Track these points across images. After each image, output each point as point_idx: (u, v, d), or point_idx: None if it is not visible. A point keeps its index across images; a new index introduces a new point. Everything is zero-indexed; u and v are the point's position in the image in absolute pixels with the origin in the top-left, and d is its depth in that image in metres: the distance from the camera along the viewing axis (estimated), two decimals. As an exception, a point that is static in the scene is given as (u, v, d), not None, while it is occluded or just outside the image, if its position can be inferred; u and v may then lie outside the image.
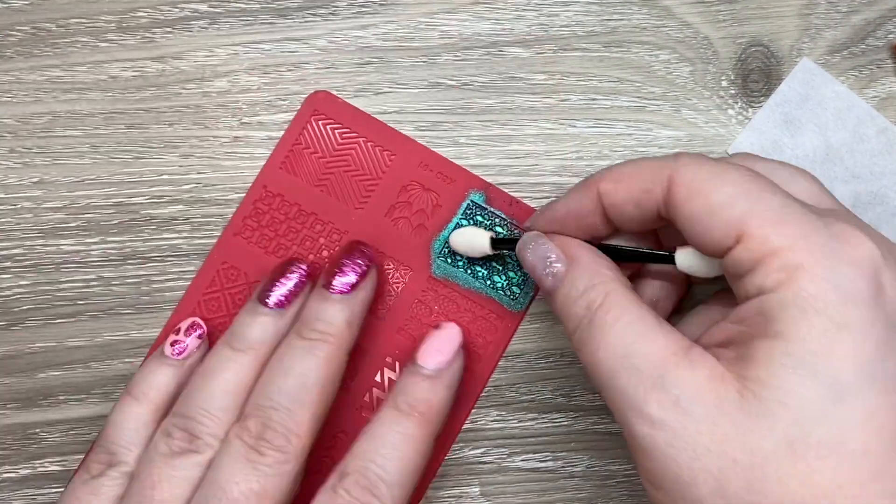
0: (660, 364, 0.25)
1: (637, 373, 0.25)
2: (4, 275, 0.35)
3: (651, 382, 0.25)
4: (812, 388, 0.23)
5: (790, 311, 0.24)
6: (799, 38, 0.35)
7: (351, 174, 0.35)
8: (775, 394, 0.23)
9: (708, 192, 0.26)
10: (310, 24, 0.35)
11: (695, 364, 0.25)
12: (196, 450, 0.30)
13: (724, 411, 0.24)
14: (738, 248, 0.25)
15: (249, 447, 0.29)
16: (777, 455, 0.23)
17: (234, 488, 0.29)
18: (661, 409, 0.24)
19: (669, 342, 0.25)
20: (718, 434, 0.24)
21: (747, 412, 0.24)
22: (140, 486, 0.30)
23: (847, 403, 0.23)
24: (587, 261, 0.29)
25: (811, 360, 0.23)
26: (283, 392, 0.30)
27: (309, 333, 0.31)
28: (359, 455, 0.30)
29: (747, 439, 0.23)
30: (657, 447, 0.25)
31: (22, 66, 0.35)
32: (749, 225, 0.25)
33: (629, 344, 0.26)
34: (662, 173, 0.27)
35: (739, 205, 0.25)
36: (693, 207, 0.26)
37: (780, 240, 0.24)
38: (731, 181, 0.26)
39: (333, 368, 0.31)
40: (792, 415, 0.23)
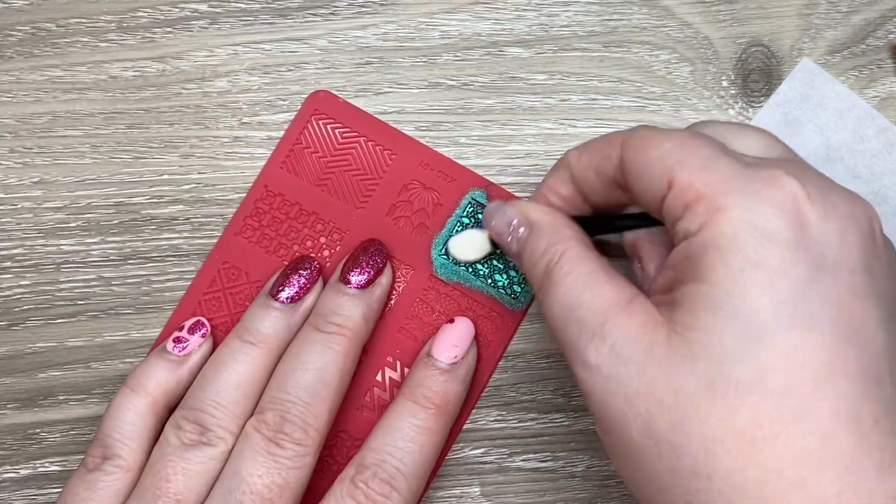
0: (601, 314, 0.26)
1: (581, 324, 0.26)
2: (5, 275, 0.35)
3: (591, 332, 0.26)
4: (730, 328, 0.23)
5: (710, 252, 0.24)
6: (799, 38, 0.35)
7: (352, 173, 0.35)
8: (697, 335, 0.24)
9: (648, 149, 0.27)
10: (310, 24, 0.35)
11: (632, 312, 0.25)
12: (208, 442, 0.30)
13: (653, 355, 0.24)
14: (668, 196, 0.25)
15: (269, 440, 0.30)
16: (698, 395, 0.23)
17: (258, 481, 0.29)
18: (598, 355, 0.25)
19: (613, 293, 0.26)
20: (647, 377, 0.24)
21: (672, 354, 0.24)
22: (154, 480, 0.30)
23: (765, 342, 0.23)
24: (547, 223, 0.29)
25: (729, 301, 0.23)
26: (300, 386, 0.30)
27: (326, 327, 0.31)
28: (376, 448, 0.31)
29: (671, 380, 0.24)
30: (595, 392, 0.25)
31: (22, 66, 0.35)
32: (677, 173, 0.25)
33: (576, 296, 0.27)
34: (617, 140, 0.28)
35: (671, 157, 0.26)
36: (635, 165, 0.27)
37: (703, 185, 0.25)
38: (669, 138, 0.26)
39: (349, 362, 0.32)
40: (712, 355, 0.23)
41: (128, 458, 0.31)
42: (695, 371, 0.24)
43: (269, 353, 0.32)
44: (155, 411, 0.32)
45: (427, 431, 0.31)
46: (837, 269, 0.24)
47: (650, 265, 0.30)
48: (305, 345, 0.31)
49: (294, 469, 0.30)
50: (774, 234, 0.24)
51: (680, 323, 0.24)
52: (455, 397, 0.32)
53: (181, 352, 0.33)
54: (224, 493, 0.29)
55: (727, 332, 0.23)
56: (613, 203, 0.30)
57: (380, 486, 0.30)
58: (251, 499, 0.29)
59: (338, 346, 0.31)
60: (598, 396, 0.25)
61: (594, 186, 0.29)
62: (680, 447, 0.24)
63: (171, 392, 0.32)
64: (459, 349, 0.33)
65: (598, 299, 0.26)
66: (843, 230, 0.24)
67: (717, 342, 0.23)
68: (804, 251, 0.24)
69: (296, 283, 0.33)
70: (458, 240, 0.34)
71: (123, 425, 0.31)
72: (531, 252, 0.29)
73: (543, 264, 0.28)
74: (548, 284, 0.28)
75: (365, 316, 0.32)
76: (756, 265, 0.23)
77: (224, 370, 0.31)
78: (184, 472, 0.30)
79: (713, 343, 0.23)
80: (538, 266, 0.28)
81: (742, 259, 0.24)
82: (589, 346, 0.26)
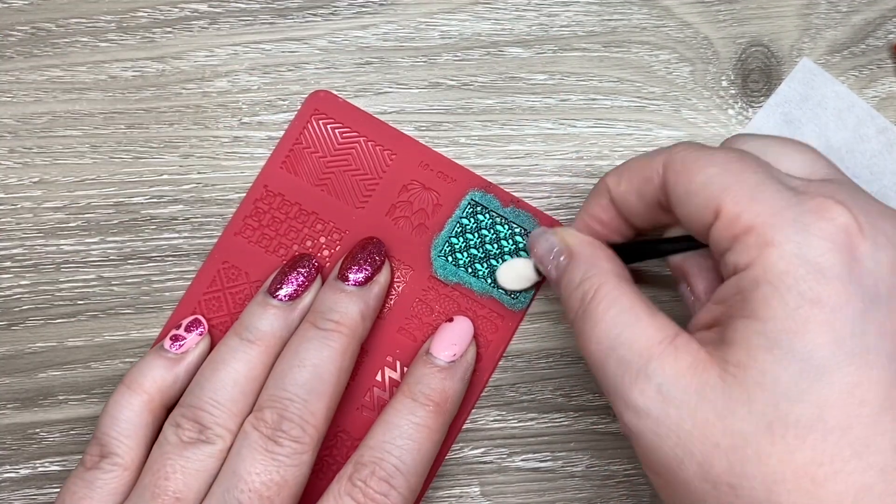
0: (644, 353, 0.25)
1: (623, 363, 0.26)
2: (4, 275, 0.35)
3: (636, 372, 0.25)
4: (787, 367, 0.23)
5: (763, 288, 0.24)
6: (799, 38, 0.35)
7: (351, 173, 0.35)
8: (752, 375, 0.24)
9: (693, 173, 0.26)
10: (310, 24, 0.35)
11: (678, 351, 0.25)
12: (207, 440, 0.30)
13: (705, 397, 0.24)
14: (716, 225, 0.25)
15: (267, 438, 0.30)
16: (756, 436, 0.23)
17: (256, 479, 0.29)
18: (644, 397, 0.25)
19: (655, 331, 0.26)
20: (700, 419, 0.24)
21: (728, 396, 0.24)
22: (153, 478, 0.30)
23: (824, 380, 0.23)
24: (586, 254, 0.29)
25: (785, 339, 0.23)
26: (298, 383, 0.30)
27: (324, 324, 0.31)
28: (375, 446, 0.30)
29: (727, 423, 0.24)
30: (644, 435, 0.25)
31: (22, 66, 0.35)
32: (725, 202, 0.25)
33: (616, 335, 0.26)
34: (658, 161, 0.28)
35: (718, 183, 0.25)
36: (679, 189, 0.26)
37: (752, 217, 0.24)
38: (714, 162, 0.26)
39: (347, 359, 0.32)
40: (769, 395, 0.23)
41: (125, 457, 0.31)
42: (752, 412, 0.23)
43: (267, 352, 0.32)
44: (151, 409, 0.32)
45: (425, 429, 0.31)
46: (891, 300, 0.24)
47: (699, 286, 0.29)
48: (303, 342, 0.31)
49: (292, 466, 0.30)
50: (828, 270, 0.23)
51: (732, 363, 0.24)
52: (454, 395, 0.32)
53: (178, 350, 0.33)
54: (222, 491, 0.29)
55: (785, 371, 0.23)
56: (658, 224, 0.29)
57: (378, 485, 0.30)
58: (249, 497, 0.29)
59: (335, 343, 0.31)
60: (647, 439, 0.25)
61: (637, 210, 0.29)
62: (740, 489, 0.23)
63: (168, 390, 0.32)
64: (458, 347, 0.33)
65: (640, 337, 0.26)
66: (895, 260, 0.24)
67: (774, 382, 0.23)
68: (858, 285, 0.23)
69: (294, 281, 0.33)
70: (505, 269, 0.34)
71: (120, 423, 0.31)
72: (568, 282, 0.29)
73: (579, 296, 0.28)
74: (584, 319, 0.27)
75: (362, 313, 0.32)
76: (812, 302, 0.23)
77: (222, 368, 0.31)
78: (183, 470, 0.30)
79: (770, 383, 0.23)
80: (574, 297, 0.28)
81: (797, 296, 0.23)
82: (633, 387, 0.25)
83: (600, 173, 0.35)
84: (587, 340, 0.27)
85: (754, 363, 0.24)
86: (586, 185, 0.35)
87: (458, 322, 0.34)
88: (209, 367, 0.32)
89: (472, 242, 0.34)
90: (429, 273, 0.34)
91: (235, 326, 0.33)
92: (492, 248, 0.34)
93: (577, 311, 0.28)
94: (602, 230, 0.31)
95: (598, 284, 0.28)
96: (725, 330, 0.25)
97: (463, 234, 0.34)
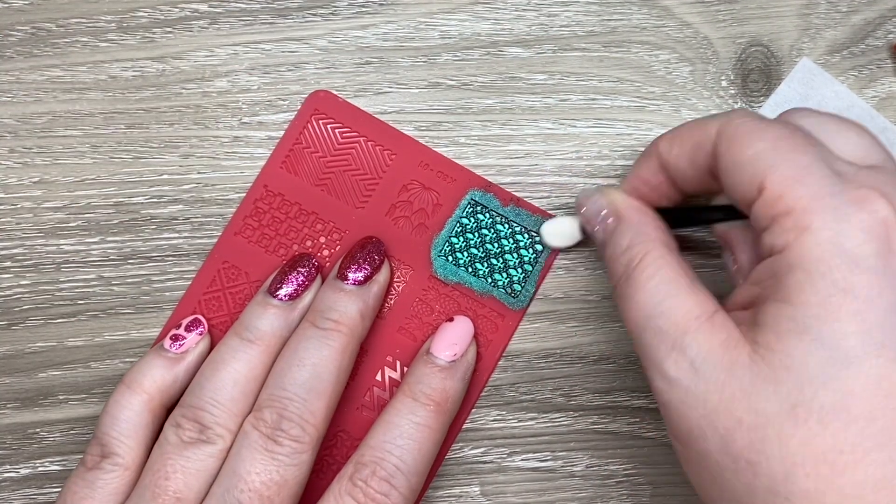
0: (682, 326, 0.26)
1: (660, 332, 0.26)
2: (4, 275, 0.35)
3: (671, 343, 0.26)
4: (815, 353, 0.23)
5: (796, 273, 0.24)
6: (799, 37, 0.35)
7: (351, 173, 0.35)
8: (781, 358, 0.24)
9: (743, 145, 0.26)
10: (310, 24, 0.35)
11: (714, 328, 0.25)
12: (207, 440, 0.30)
13: (733, 374, 0.24)
14: (758, 202, 0.25)
15: (267, 437, 0.30)
16: (779, 417, 0.24)
17: (256, 479, 0.29)
18: (677, 368, 0.25)
19: (695, 305, 0.26)
20: (727, 395, 0.24)
21: (755, 375, 0.24)
22: (154, 478, 0.30)
23: (851, 369, 0.23)
24: (634, 219, 0.29)
25: (814, 326, 0.23)
26: (297, 382, 0.30)
27: (323, 323, 0.31)
28: (375, 446, 0.30)
29: (752, 401, 0.24)
30: (672, 403, 0.26)
31: (22, 66, 0.35)
32: (770, 180, 0.25)
33: (657, 304, 0.26)
34: (713, 127, 0.28)
35: (766, 160, 0.25)
36: (729, 159, 0.26)
37: (794, 199, 0.24)
38: (766, 137, 0.26)
39: (346, 358, 0.32)
40: (796, 379, 0.23)
41: (126, 456, 0.31)
42: (777, 394, 0.24)
43: (267, 351, 0.32)
44: (151, 409, 0.32)
45: (426, 429, 0.31)
46: None
47: (742, 257, 0.29)
48: (302, 341, 0.31)
49: (292, 466, 0.30)
50: (863, 261, 0.23)
51: (762, 344, 0.24)
52: (454, 395, 0.32)
53: (178, 350, 0.33)
54: (222, 491, 0.29)
55: (812, 356, 0.23)
56: (708, 191, 0.29)
57: (379, 485, 0.30)
58: (249, 497, 0.29)
59: (334, 342, 0.31)
60: (675, 408, 0.25)
61: (687, 176, 0.29)
62: (758, 465, 0.24)
63: (168, 390, 0.32)
64: (458, 347, 0.33)
65: (679, 309, 0.26)
66: None
67: (801, 366, 0.23)
68: (893, 278, 0.24)
69: (294, 280, 0.33)
70: (550, 225, 0.34)
71: (120, 423, 0.31)
72: (614, 246, 0.29)
73: (624, 262, 0.28)
74: (627, 285, 0.27)
75: (361, 312, 0.32)
76: (844, 291, 0.23)
77: (222, 368, 0.31)
78: (183, 470, 0.30)
79: (797, 367, 0.24)
80: (619, 262, 0.28)
81: (830, 284, 0.23)
82: (668, 357, 0.26)
83: (600, 173, 0.35)
84: (628, 306, 0.27)
85: (783, 347, 0.24)
86: (586, 185, 0.35)
87: (459, 321, 0.34)
88: (209, 367, 0.32)
89: (473, 242, 0.34)
90: (429, 273, 0.35)
91: (235, 326, 0.33)
92: (492, 248, 0.34)
93: (620, 277, 0.28)
94: (650, 193, 0.31)
95: (644, 252, 0.28)
96: (758, 311, 0.25)
97: (463, 234, 0.34)
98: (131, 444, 0.31)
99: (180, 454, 0.30)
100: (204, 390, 0.31)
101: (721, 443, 0.24)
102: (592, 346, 0.35)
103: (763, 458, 0.24)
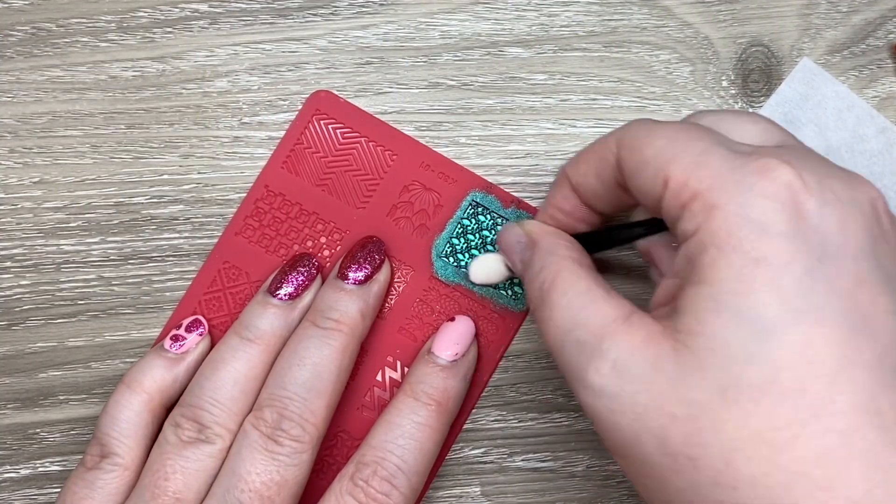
0: (599, 332, 0.25)
1: (579, 345, 0.25)
2: (5, 275, 0.35)
3: (591, 351, 0.25)
4: (736, 329, 0.23)
5: (709, 252, 0.23)
6: (799, 38, 0.35)
7: (352, 174, 0.35)
8: (702, 341, 0.23)
9: (643, 147, 0.26)
10: (310, 24, 0.35)
11: (633, 327, 0.25)
12: (207, 440, 0.30)
13: (659, 369, 0.24)
14: (665, 195, 0.25)
15: (267, 437, 0.30)
16: (711, 404, 0.23)
17: (256, 479, 0.29)
18: (600, 376, 0.24)
19: (611, 310, 0.25)
20: (655, 391, 0.23)
21: (680, 365, 0.23)
22: (153, 478, 0.30)
23: (775, 340, 0.22)
24: (545, 243, 0.29)
25: (732, 301, 0.23)
26: (298, 382, 0.30)
27: (324, 322, 0.31)
28: (377, 445, 0.30)
29: (681, 392, 0.23)
30: (602, 415, 0.25)
31: (22, 66, 0.35)
32: (672, 171, 0.25)
33: (573, 317, 0.26)
34: (612, 141, 0.27)
35: (665, 154, 0.25)
36: (632, 164, 0.26)
37: (698, 182, 0.24)
38: (662, 134, 0.26)
39: (347, 358, 0.32)
40: (720, 360, 0.23)
41: (125, 457, 0.31)
42: (705, 379, 0.23)
43: (267, 351, 0.32)
44: (151, 408, 0.32)
45: (427, 428, 0.31)
46: (841, 258, 0.23)
47: (666, 268, 0.29)
48: (302, 340, 0.31)
49: (292, 466, 0.30)
50: (771, 227, 0.23)
51: (684, 331, 0.23)
52: (455, 394, 0.32)
53: (178, 350, 0.33)
54: (223, 491, 0.29)
55: (734, 333, 0.23)
56: (621, 207, 0.29)
57: (380, 484, 0.30)
58: (249, 497, 0.29)
59: (335, 341, 0.31)
60: (605, 419, 0.25)
61: (598, 193, 0.29)
62: (698, 460, 0.23)
63: (168, 390, 0.32)
64: (460, 346, 0.33)
65: (594, 317, 0.25)
66: (844, 217, 0.23)
67: (724, 345, 0.23)
68: (804, 242, 0.23)
69: (294, 280, 0.33)
70: (476, 264, 0.33)
71: (120, 423, 0.31)
72: (530, 272, 0.28)
73: (538, 285, 0.27)
74: (543, 307, 0.27)
75: (362, 312, 0.32)
76: (756, 261, 0.23)
77: (222, 367, 0.31)
78: (183, 470, 0.30)
79: (721, 347, 0.23)
80: (533, 286, 0.28)
81: (742, 256, 0.23)
82: (589, 366, 0.25)
83: (601, 173, 0.35)
84: (546, 327, 0.27)
85: (704, 328, 0.23)
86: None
87: (460, 321, 0.34)
88: (209, 367, 0.32)
89: (474, 243, 0.34)
90: (430, 273, 0.34)
91: (235, 326, 0.33)
92: (493, 249, 0.34)
93: (536, 300, 0.27)
94: (567, 220, 0.30)
95: (556, 271, 0.27)
96: (677, 300, 0.24)
97: (464, 235, 0.34)
98: (131, 444, 0.31)
99: (179, 454, 0.30)
100: (203, 390, 0.31)
101: (657, 443, 0.23)
102: (593, 347, 0.35)
103: (701, 450, 0.23)
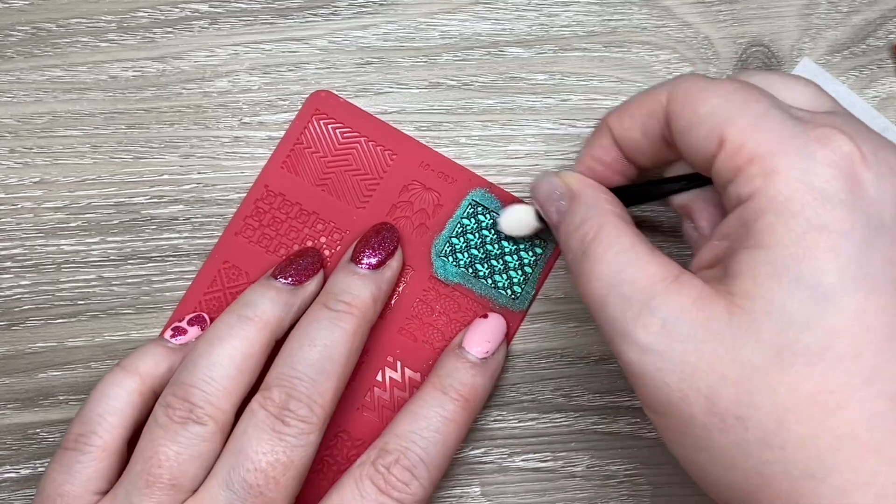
0: (647, 290, 0.25)
1: (625, 300, 0.25)
2: (5, 275, 0.35)
3: (638, 308, 0.25)
4: (795, 293, 0.23)
5: (767, 217, 0.23)
6: (799, 38, 0.35)
7: (352, 173, 0.35)
8: (760, 304, 0.23)
9: (696, 104, 0.26)
10: (310, 24, 0.35)
11: (683, 288, 0.25)
12: (198, 420, 0.29)
13: (711, 330, 0.24)
14: (719, 156, 0.25)
15: (274, 417, 0.29)
16: (765, 366, 0.23)
17: (263, 458, 0.29)
18: (648, 333, 0.24)
19: (658, 269, 0.25)
20: (706, 352, 0.24)
21: (735, 327, 0.23)
22: (146, 465, 0.29)
23: (832, 307, 0.23)
24: (586, 195, 0.29)
25: (792, 265, 0.23)
26: (308, 362, 0.30)
27: (335, 305, 0.31)
28: (401, 434, 0.30)
29: (735, 354, 0.23)
30: (647, 372, 0.25)
31: (22, 66, 0.35)
32: (728, 132, 0.25)
33: (617, 273, 0.26)
34: (662, 94, 0.27)
35: (722, 113, 0.25)
36: (684, 120, 0.26)
37: (756, 146, 0.24)
38: (718, 93, 0.26)
39: (357, 341, 0.31)
40: (777, 324, 0.23)
41: (104, 436, 0.30)
42: (760, 342, 0.23)
43: (266, 330, 0.31)
44: (141, 392, 0.31)
45: (452, 423, 0.31)
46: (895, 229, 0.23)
47: (703, 224, 0.29)
48: (313, 322, 0.31)
49: (299, 447, 0.29)
50: (833, 196, 0.23)
51: (739, 294, 0.24)
52: (483, 392, 0.32)
53: (178, 341, 0.33)
54: (228, 469, 0.29)
55: (792, 298, 0.23)
56: (662, 161, 0.29)
57: (401, 473, 0.30)
58: (255, 476, 0.29)
59: (346, 324, 0.31)
60: (650, 377, 0.25)
61: (641, 148, 0.29)
62: (748, 420, 0.23)
63: (161, 377, 0.32)
64: (491, 344, 0.33)
65: (642, 274, 0.25)
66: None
67: (781, 309, 0.23)
68: (863, 212, 0.23)
69: (299, 267, 0.33)
70: (506, 215, 0.33)
71: (108, 400, 0.31)
72: (568, 224, 0.28)
73: (579, 238, 0.27)
74: (584, 260, 0.27)
75: (374, 296, 0.32)
76: (818, 228, 0.23)
77: (218, 345, 0.30)
78: (176, 455, 0.29)
79: (778, 311, 0.23)
80: (574, 238, 0.28)
81: (804, 222, 0.23)
82: (637, 322, 0.25)
83: (601, 173, 0.35)
84: (587, 280, 0.26)
85: (761, 292, 0.23)
86: (587, 185, 0.35)
87: (493, 319, 0.33)
88: (203, 343, 0.31)
89: (473, 243, 0.34)
90: (429, 273, 0.34)
91: (233, 305, 0.32)
92: (493, 249, 0.34)
93: (576, 253, 0.27)
94: (605, 171, 0.30)
95: (599, 225, 0.27)
96: (729, 263, 0.24)
97: (464, 235, 0.34)
98: (113, 423, 0.30)
99: (172, 439, 0.29)
100: (198, 367, 0.30)
101: (705, 403, 0.24)
102: (593, 347, 0.35)
103: (752, 410, 0.23)
